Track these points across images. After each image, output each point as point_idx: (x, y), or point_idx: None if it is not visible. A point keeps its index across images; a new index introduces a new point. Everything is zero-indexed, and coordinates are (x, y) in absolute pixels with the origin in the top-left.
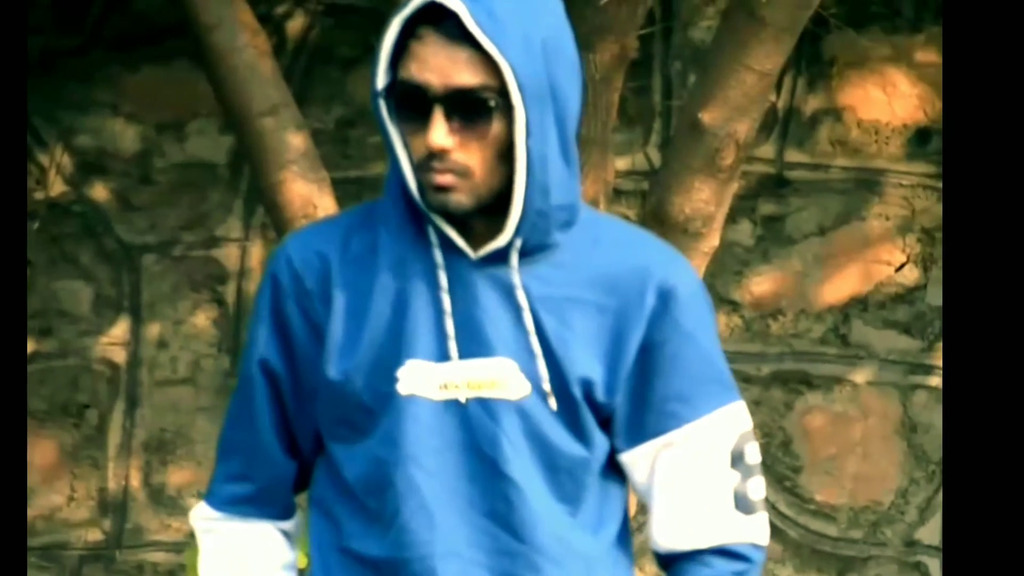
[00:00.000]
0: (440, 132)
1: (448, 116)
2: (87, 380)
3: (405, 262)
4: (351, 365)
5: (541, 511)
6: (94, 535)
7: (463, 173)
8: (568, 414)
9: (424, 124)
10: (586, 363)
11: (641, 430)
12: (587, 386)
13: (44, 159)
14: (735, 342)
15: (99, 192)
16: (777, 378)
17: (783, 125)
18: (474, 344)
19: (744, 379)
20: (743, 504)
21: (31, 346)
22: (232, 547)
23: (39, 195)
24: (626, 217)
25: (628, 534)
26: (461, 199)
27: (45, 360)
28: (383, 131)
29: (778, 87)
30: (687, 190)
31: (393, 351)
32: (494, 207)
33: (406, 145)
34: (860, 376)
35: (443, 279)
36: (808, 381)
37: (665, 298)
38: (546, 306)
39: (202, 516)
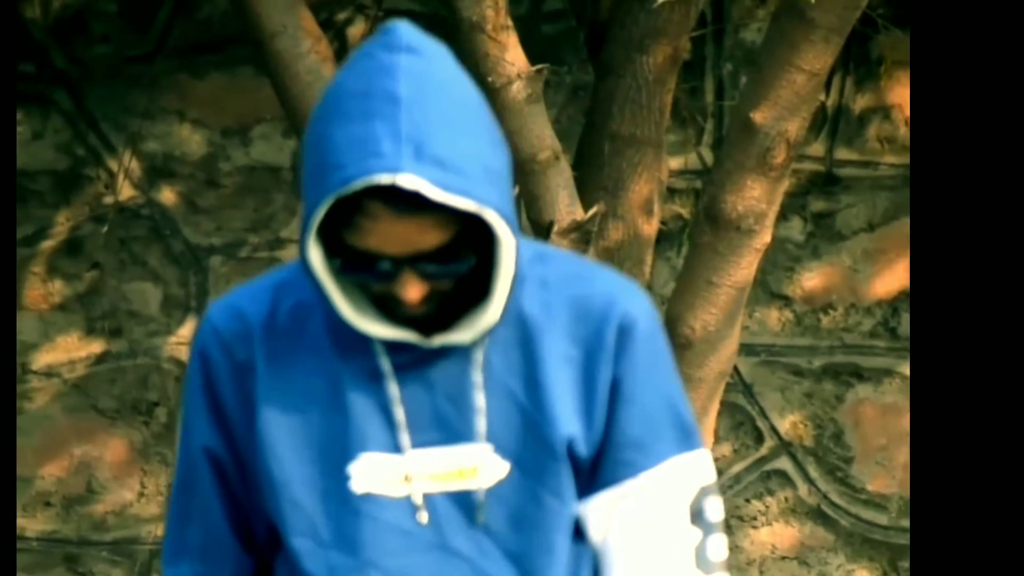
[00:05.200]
0: (414, 291)
1: (417, 269)
2: (156, 379)
3: (345, 339)
4: (291, 459)
5: None
6: (164, 530)
7: (437, 299)
8: (553, 482)
9: (384, 276)
10: (566, 420)
11: (596, 480)
12: (570, 444)
13: (113, 164)
14: (787, 336)
15: (167, 196)
16: (828, 371)
17: (832, 123)
18: (438, 432)
19: (796, 372)
20: (704, 564)
21: (102, 346)
22: None
23: (108, 199)
24: (679, 216)
25: None
26: (432, 310)
27: (115, 360)
28: (312, 275)
29: (827, 86)
30: (739, 188)
31: (341, 444)
32: None
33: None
34: (909, 368)
35: (386, 364)
36: (859, 373)
37: (624, 333)
38: (513, 371)
39: None
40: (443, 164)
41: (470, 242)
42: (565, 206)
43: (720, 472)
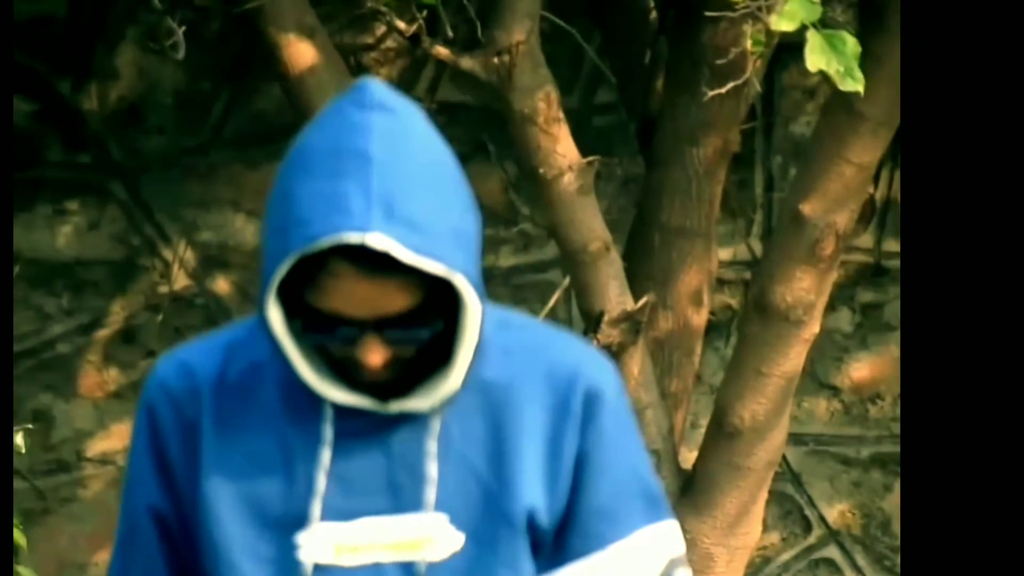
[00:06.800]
0: (377, 356)
1: (381, 334)
2: None
3: (297, 402)
4: (234, 522)
5: None
6: None
7: (399, 365)
8: (508, 553)
9: (347, 339)
10: (529, 491)
11: (562, 552)
12: (532, 515)
13: (168, 254)
14: (835, 426)
15: (221, 285)
16: (876, 460)
17: (881, 215)
18: (385, 500)
19: (844, 461)
20: None
21: None
22: None
23: (163, 289)
24: (728, 306)
25: None
26: (393, 375)
27: None
28: (271, 335)
29: (876, 178)
30: (788, 279)
31: (289, 511)
32: None
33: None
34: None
35: (328, 431)
36: None
37: (590, 403)
38: (473, 441)
39: None
40: (414, 225)
41: (435, 307)
42: (615, 296)
43: (768, 561)
